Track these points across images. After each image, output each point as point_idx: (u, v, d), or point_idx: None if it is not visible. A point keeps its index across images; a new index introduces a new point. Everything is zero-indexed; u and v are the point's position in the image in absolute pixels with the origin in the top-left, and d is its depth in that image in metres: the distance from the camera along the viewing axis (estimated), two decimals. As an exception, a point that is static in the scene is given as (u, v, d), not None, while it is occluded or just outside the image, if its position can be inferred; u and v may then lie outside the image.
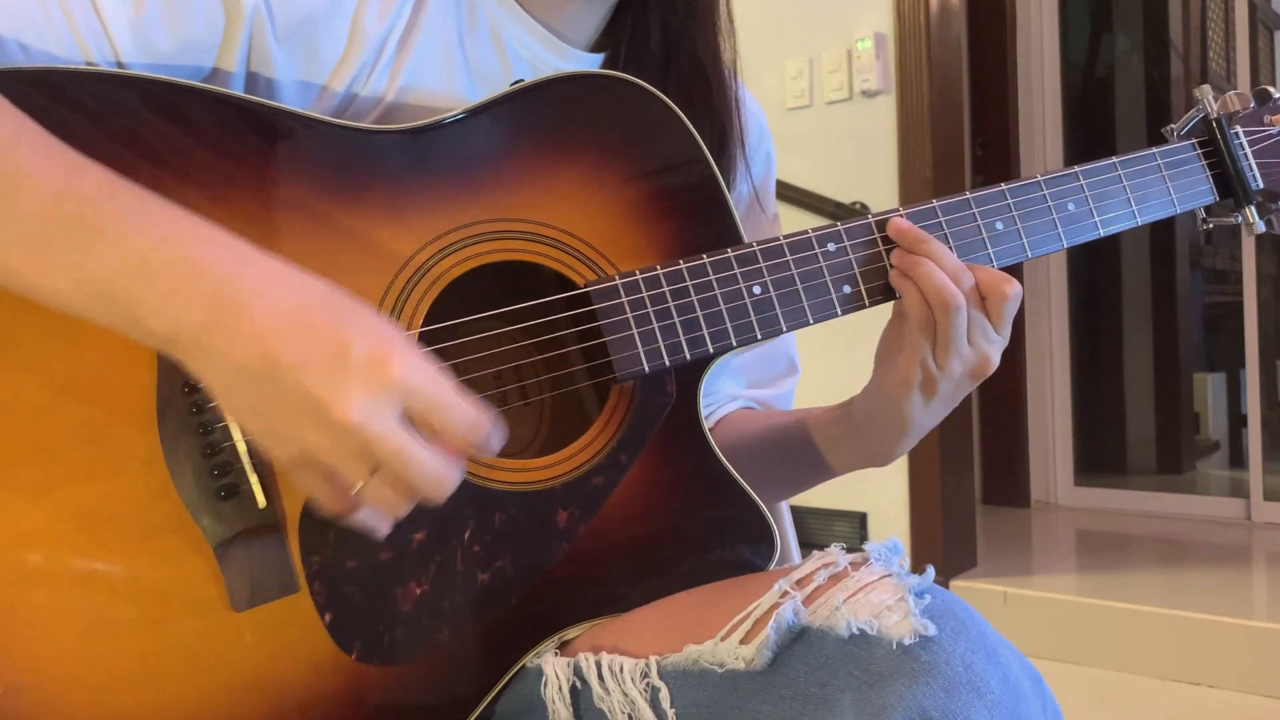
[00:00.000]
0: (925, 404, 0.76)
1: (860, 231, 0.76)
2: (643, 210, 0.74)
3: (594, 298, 0.70)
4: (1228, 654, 2.27)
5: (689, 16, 0.84)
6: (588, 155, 0.73)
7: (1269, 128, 0.87)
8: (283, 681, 0.63)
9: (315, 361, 0.53)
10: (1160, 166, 0.84)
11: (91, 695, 0.60)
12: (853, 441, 0.83)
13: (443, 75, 0.76)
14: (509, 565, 0.68)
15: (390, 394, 0.53)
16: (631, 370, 0.70)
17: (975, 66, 3.57)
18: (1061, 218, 0.80)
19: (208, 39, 0.68)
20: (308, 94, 0.72)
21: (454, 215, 0.70)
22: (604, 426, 0.72)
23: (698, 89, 0.83)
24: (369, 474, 0.54)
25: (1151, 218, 0.83)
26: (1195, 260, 4.11)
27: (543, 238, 0.71)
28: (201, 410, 0.63)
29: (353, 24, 0.72)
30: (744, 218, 0.77)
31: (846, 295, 0.75)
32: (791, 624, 0.60)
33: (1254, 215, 0.87)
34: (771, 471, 0.89)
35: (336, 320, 0.54)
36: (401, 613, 0.66)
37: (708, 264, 0.72)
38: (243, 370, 0.53)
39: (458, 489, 0.64)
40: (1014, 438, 3.66)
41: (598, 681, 0.65)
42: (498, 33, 0.79)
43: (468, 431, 0.56)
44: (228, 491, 0.63)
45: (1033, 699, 0.58)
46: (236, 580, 0.63)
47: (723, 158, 0.83)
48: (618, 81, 0.74)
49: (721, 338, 0.72)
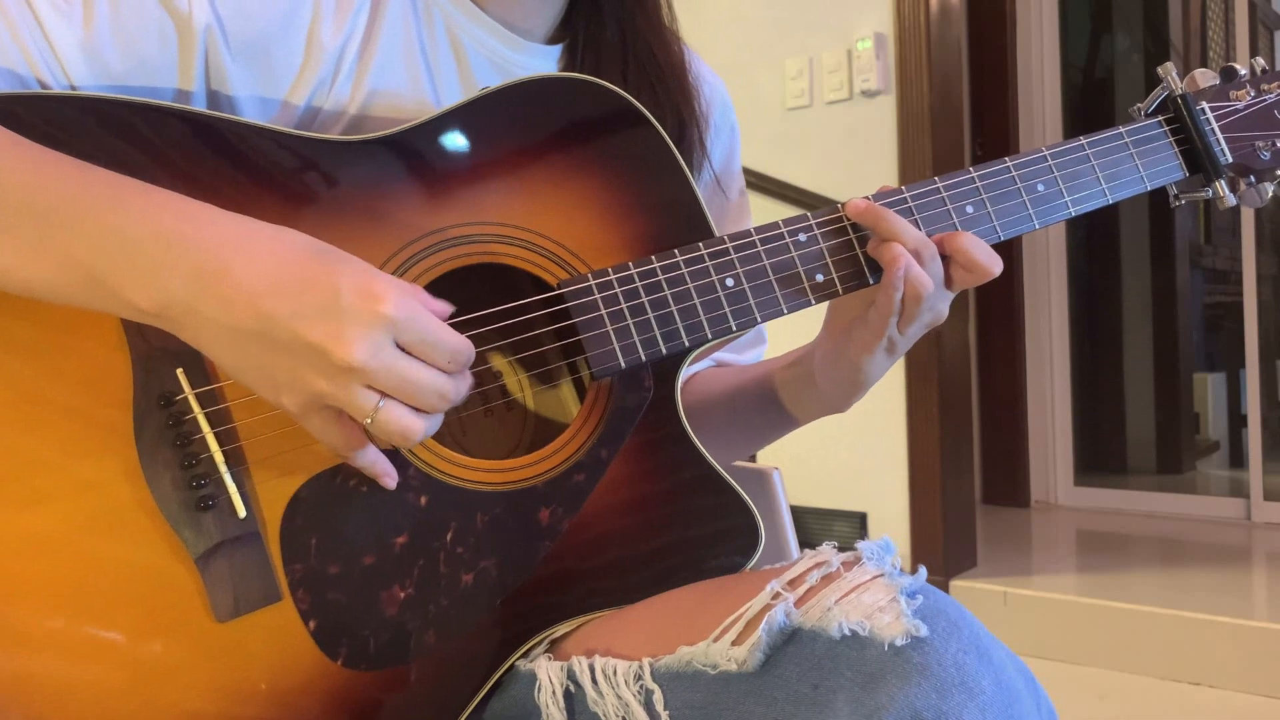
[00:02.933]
0: (885, 360, 0.79)
1: (830, 221, 0.76)
2: (613, 208, 0.74)
3: (568, 297, 0.71)
4: (1227, 654, 2.26)
5: (637, 6, 0.85)
6: (555, 156, 0.74)
7: (1235, 103, 0.88)
8: (269, 691, 0.63)
9: (308, 311, 0.55)
10: (1128, 144, 0.84)
11: (78, 710, 0.60)
12: (811, 396, 0.86)
13: (406, 80, 0.77)
14: (493, 565, 0.68)
15: (385, 329, 0.56)
16: (607, 367, 0.71)
17: (975, 66, 3.57)
18: (1032, 199, 0.80)
19: (160, 58, 0.68)
20: (267, 109, 0.72)
21: (425, 221, 0.70)
22: (583, 424, 0.72)
23: (655, 76, 0.84)
24: (377, 406, 0.57)
25: (1122, 195, 0.83)
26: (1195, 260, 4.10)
27: (514, 240, 0.72)
28: (179, 422, 0.63)
29: (308, 38, 0.72)
30: (709, 199, 0.77)
31: (819, 284, 0.75)
32: (783, 625, 0.60)
33: (1224, 189, 0.87)
34: (738, 427, 0.91)
35: (320, 267, 0.57)
36: (386, 617, 0.66)
37: (680, 259, 0.73)
38: (238, 332, 0.55)
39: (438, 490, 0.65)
40: (1014, 438, 3.66)
41: (591, 684, 0.65)
42: (454, 33, 0.80)
43: (452, 359, 0.59)
44: (207, 503, 0.63)
45: (1026, 699, 0.58)
46: (219, 591, 0.63)
47: (683, 143, 0.84)
48: (579, 82, 0.75)
49: (696, 330, 0.73)
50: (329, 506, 0.65)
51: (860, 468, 2.82)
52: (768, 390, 0.89)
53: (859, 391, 0.82)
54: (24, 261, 0.56)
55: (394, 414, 0.58)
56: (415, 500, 0.67)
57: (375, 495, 0.66)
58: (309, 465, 0.65)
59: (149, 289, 0.55)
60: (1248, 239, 3.37)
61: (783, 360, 0.89)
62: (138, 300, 0.56)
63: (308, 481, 0.65)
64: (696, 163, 0.87)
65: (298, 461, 0.65)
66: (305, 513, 0.65)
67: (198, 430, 0.63)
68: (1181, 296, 4.02)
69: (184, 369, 0.64)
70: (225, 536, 0.63)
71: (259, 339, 0.55)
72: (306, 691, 0.64)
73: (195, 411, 0.64)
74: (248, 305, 0.55)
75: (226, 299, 0.55)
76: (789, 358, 0.89)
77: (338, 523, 0.65)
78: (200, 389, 0.64)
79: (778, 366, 0.89)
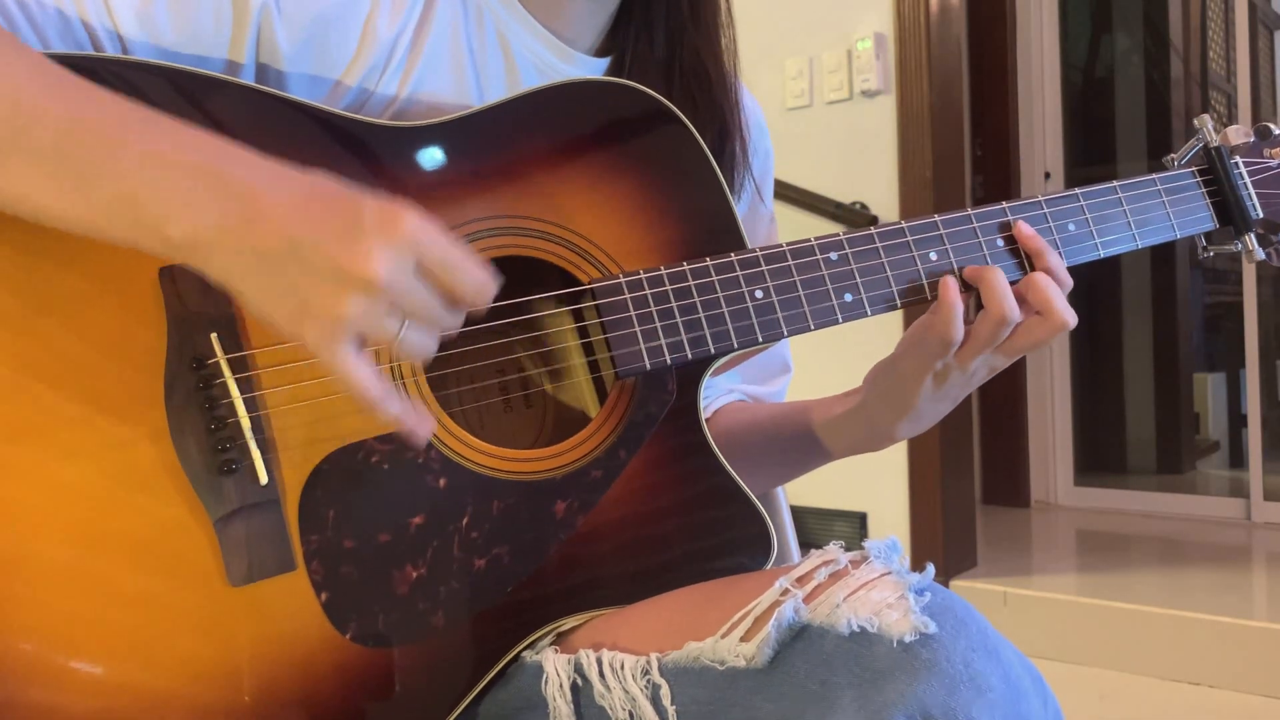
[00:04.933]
0: (934, 390, 0.79)
1: (862, 241, 0.77)
2: (647, 212, 0.75)
3: (598, 294, 0.71)
4: (1228, 654, 2.27)
5: (691, 18, 0.85)
6: (596, 158, 0.75)
7: (1269, 160, 0.89)
8: (276, 658, 0.64)
9: (333, 232, 0.56)
10: (1160, 192, 0.85)
11: (88, 663, 0.60)
12: (854, 421, 0.85)
13: (452, 79, 0.78)
14: (506, 553, 0.69)
15: (407, 248, 0.56)
16: (633, 366, 0.71)
17: (975, 66, 3.58)
18: (1062, 238, 0.80)
19: (213, 33, 0.69)
20: (318, 88, 0.73)
21: (463, 210, 0.71)
22: (604, 421, 0.72)
23: (700, 90, 0.84)
24: (400, 326, 0.57)
25: (1151, 241, 0.84)
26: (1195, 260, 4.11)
27: (549, 235, 0.73)
28: (209, 385, 0.64)
29: (365, 25, 0.73)
30: (744, 217, 0.78)
31: (848, 303, 0.76)
32: (792, 621, 0.60)
33: (1254, 243, 0.88)
34: (765, 458, 0.90)
35: (343, 194, 0.58)
36: (397, 595, 0.66)
37: (710, 266, 0.73)
38: (266, 256, 0.56)
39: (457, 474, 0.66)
40: (1014, 438, 3.66)
41: (598, 678, 0.66)
42: (504, 36, 0.80)
43: (473, 286, 0.59)
44: (230, 467, 0.63)
45: (1033, 697, 0.58)
46: (235, 555, 0.63)
47: (724, 155, 0.84)
48: (626, 88, 0.76)
49: (723, 338, 0.73)
50: (350, 481, 0.66)
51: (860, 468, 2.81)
52: (801, 420, 0.88)
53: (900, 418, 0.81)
54: (61, 191, 0.57)
55: (416, 336, 0.59)
56: (434, 482, 0.67)
57: (395, 474, 0.67)
58: (334, 438, 0.66)
59: (182, 219, 0.56)
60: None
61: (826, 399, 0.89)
62: (170, 231, 0.56)
63: (331, 454, 0.66)
64: (739, 175, 0.87)
65: (324, 434, 0.66)
66: (326, 485, 0.65)
67: (226, 395, 0.64)
68: (1181, 296, 4.03)
69: (218, 334, 0.64)
70: (245, 502, 0.63)
71: (286, 261, 0.56)
72: (311, 662, 0.64)
73: (225, 376, 0.64)
74: (274, 228, 0.56)
75: (252, 221, 0.56)
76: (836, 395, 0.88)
77: (357, 498, 0.66)
78: (232, 354, 0.64)
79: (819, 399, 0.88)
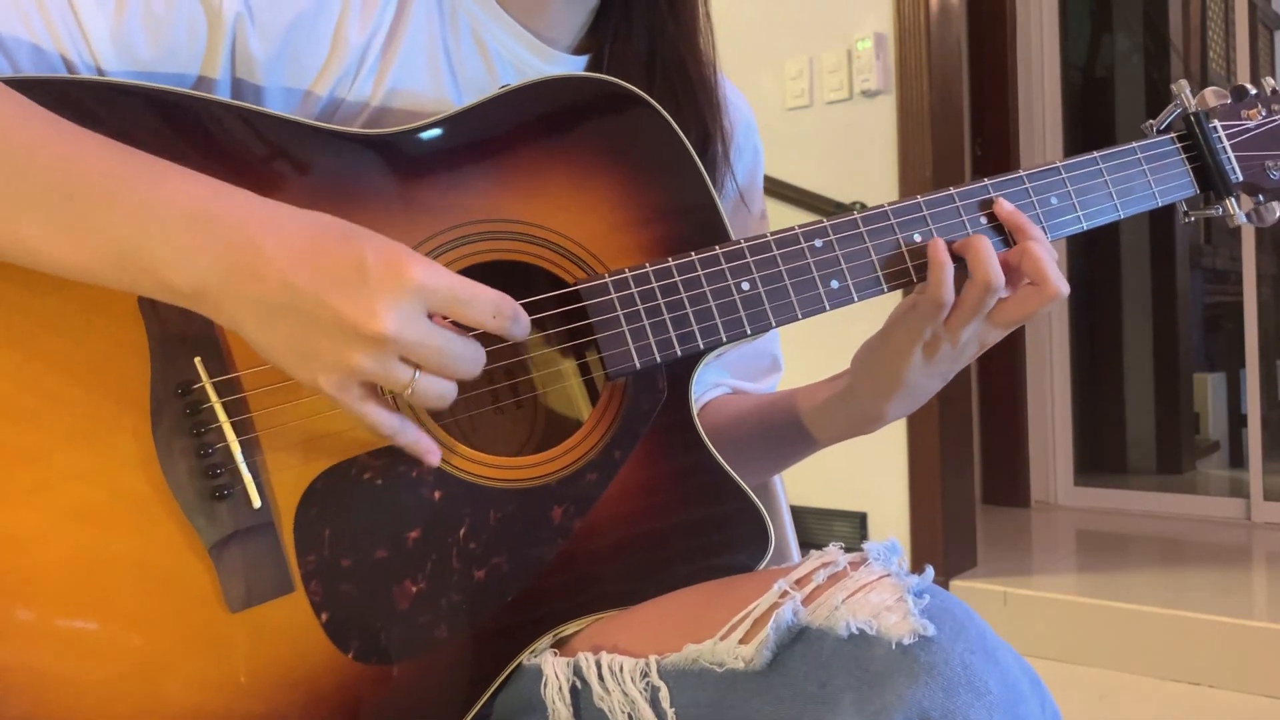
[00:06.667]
0: (924, 364, 0.78)
1: (846, 227, 0.76)
2: (630, 210, 0.74)
3: (584, 295, 0.71)
4: (1227, 654, 2.27)
5: (670, 16, 0.85)
6: (576, 157, 0.74)
7: (1246, 122, 0.88)
8: (279, 681, 0.63)
9: (335, 282, 0.55)
10: (1141, 160, 0.85)
11: (89, 696, 0.60)
12: (842, 404, 0.84)
13: (428, 80, 0.77)
14: (505, 562, 0.68)
15: (414, 297, 0.56)
16: (623, 367, 0.71)
17: (975, 66, 3.57)
18: (1045, 211, 0.80)
19: (189, 48, 0.68)
20: (290, 99, 0.72)
21: (444, 216, 0.70)
22: (596, 424, 0.72)
23: (682, 89, 0.84)
24: (413, 376, 0.58)
25: (1134, 210, 0.84)
26: (1195, 260, 4.11)
27: (533, 238, 0.72)
28: (196, 410, 0.63)
29: (335, 31, 0.73)
30: (730, 215, 0.78)
31: (834, 290, 0.75)
32: (791, 623, 0.60)
33: (1234, 207, 0.87)
34: (754, 449, 0.90)
35: (344, 240, 0.57)
36: (398, 611, 0.66)
37: (696, 261, 0.73)
38: (269, 305, 0.56)
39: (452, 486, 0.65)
40: (1014, 438, 3.66)
41: (598, 681, 0.65)
42: (480, 36, 0.80)
43: (493, 315, 0.60)
44: (222, 492, 0.63)
45: (1031, 699, 0.58)
46: (232, 581, 0.63)
47: (706, 156, 0.83)
48: (604, 84, 0.75)
49: (711, 333, 0.73)
50: (344, 499, 0.66)
51: (860, 468, 2.82)
52: (790, 408, 0.87)
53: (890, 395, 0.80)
54: (59, 240, 0.56)
55: (429, 385, 0.59)
56: (429, 495, 0.67)
57: (390, 489, 0.66)
58: (325, 457, 0.65)
59: (184, 268, 0.55)
60: (1248, 239, 3.37)
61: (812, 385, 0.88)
62: (174, 280, 0.56)
63: (323, 473, 0.65)
64: (720, 176, 0.86)
65: (314, 453, 0.65)
66: (320, 504, 0.65)
67: (214, 419, 0.63)
68: (1181, 296, 4.03)
69: (202, 357, 0.64)
70: (239, 526, 0.63)
71: (288, 313, 0.55)
72: (314, 683, 0.64)
73: (212, 400, 0.63)
74: (276, 278, 0.55)
75: (255, 272, 0.55)
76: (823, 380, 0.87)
77: (352, 515, 0.66)
78: (218, 378, 0.64)
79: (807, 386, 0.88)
